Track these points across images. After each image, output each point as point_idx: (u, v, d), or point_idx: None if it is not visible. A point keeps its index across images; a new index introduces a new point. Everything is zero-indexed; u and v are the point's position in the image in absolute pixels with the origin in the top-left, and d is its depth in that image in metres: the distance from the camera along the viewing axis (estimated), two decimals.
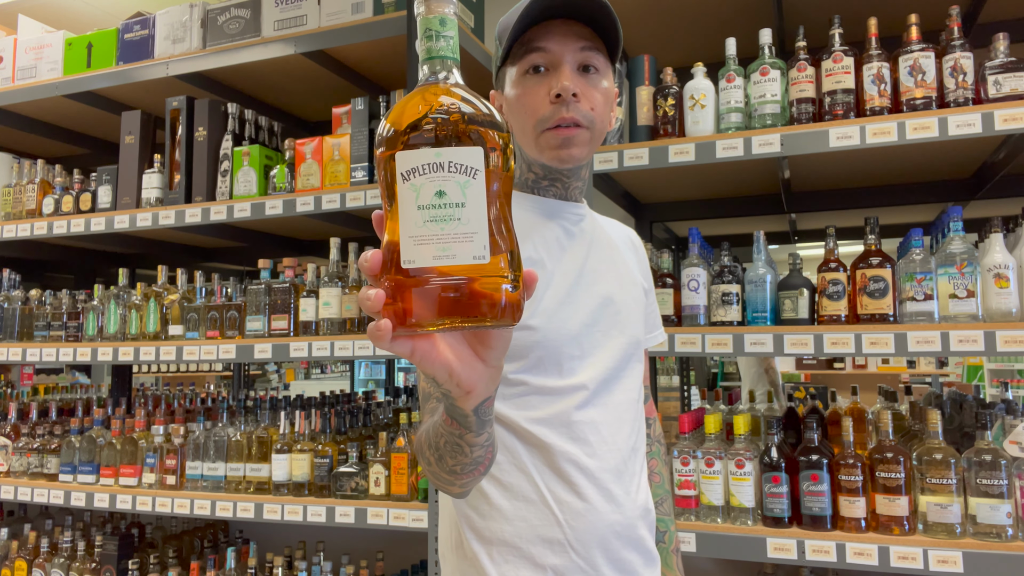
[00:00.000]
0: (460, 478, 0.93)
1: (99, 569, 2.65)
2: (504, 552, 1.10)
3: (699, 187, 2.61)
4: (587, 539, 1.09)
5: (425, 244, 0.59)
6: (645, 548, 1.19)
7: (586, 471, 1.10)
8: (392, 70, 2.63)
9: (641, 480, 1.22)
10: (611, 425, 1.15)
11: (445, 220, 0.59)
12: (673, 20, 2.49)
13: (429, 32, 0.66)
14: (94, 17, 4.44)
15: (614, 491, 1.13)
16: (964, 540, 1.70)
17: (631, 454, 1.18)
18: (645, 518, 1.20)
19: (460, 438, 0.83)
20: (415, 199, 0.59)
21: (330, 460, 2.28)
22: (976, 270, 1.79)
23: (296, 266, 2.46)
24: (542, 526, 1.09)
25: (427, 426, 0.95)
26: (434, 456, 0.91)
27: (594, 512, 1.10)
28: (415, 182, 0.60)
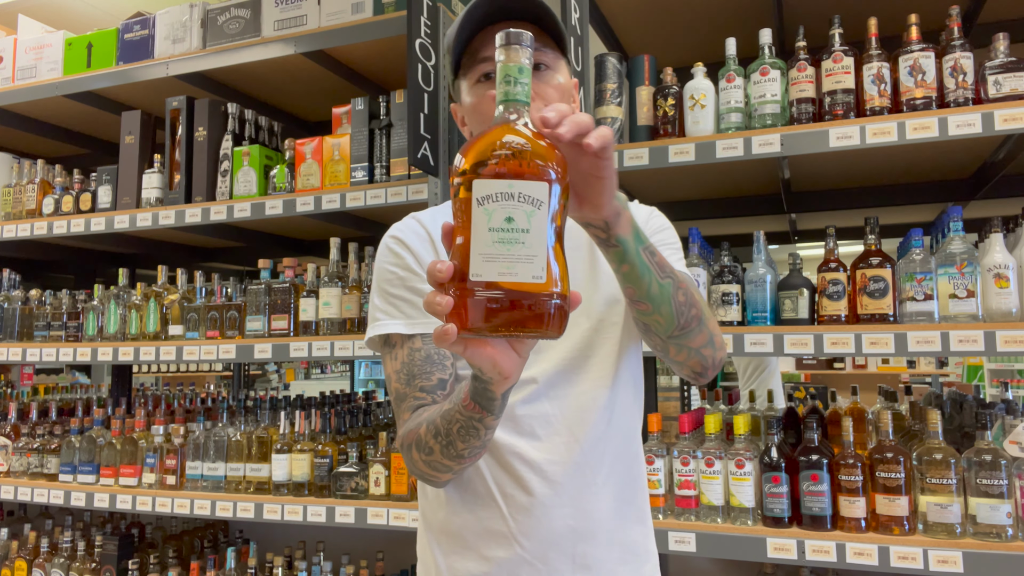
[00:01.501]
0: (463, 462, 0.99)
1: (99, 569, 2.65)
2: (452, 543, 1.13)
3: (699, 187, 2.61)
4: (535, 534, 1.08)
5: (492, 261, 0.69)
6: (621, 543, 1.13)
7: (533, 465, 1.09)
8: (392, 70, 2.63)
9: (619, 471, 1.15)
10: (569, 418, 1.11)
11: (511, 242, 0.69)
12: (673, 20, 2.49)
13: (508, 78, 0.75)
14: (94, 17, 4.44)
15: (568, 484, 1.09)
16: (964, 540, 1.70)
17: (599, 444, 1.12)
18: (622, 510, 1.14)
19: (480, 421, 0.91)
20: (487, 222, 0.69)
21: (330, 460, 2.28)
22: (976, 270, 1.79)
23: (296, 266, 2.46)
24: (489, 519, 1.10)
25: (427, 419, 0.99)
26: (440, 444, 0.96)
27: (541, 507, 1.08)
28: (488, 207, 0.69)
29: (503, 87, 0.75)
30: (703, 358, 1.06)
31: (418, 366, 1.08)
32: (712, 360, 1.08)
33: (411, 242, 1.15)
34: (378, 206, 2.25)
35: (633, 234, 0.92)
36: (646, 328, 1.02)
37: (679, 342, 1.02)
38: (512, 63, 0.75)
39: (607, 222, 0.88)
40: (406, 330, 1.11)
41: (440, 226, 1.08)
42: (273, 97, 2.94)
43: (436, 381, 1.08)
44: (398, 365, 1.11)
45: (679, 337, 1.01)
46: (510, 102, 0.75)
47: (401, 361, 1.11)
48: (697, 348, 1.04)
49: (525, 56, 0.75)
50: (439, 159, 2.11)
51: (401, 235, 1.17)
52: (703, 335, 1.03)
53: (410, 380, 1.08)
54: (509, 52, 0.75)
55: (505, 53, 0.75)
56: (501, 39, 0.75)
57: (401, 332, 1.11)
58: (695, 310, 1.01)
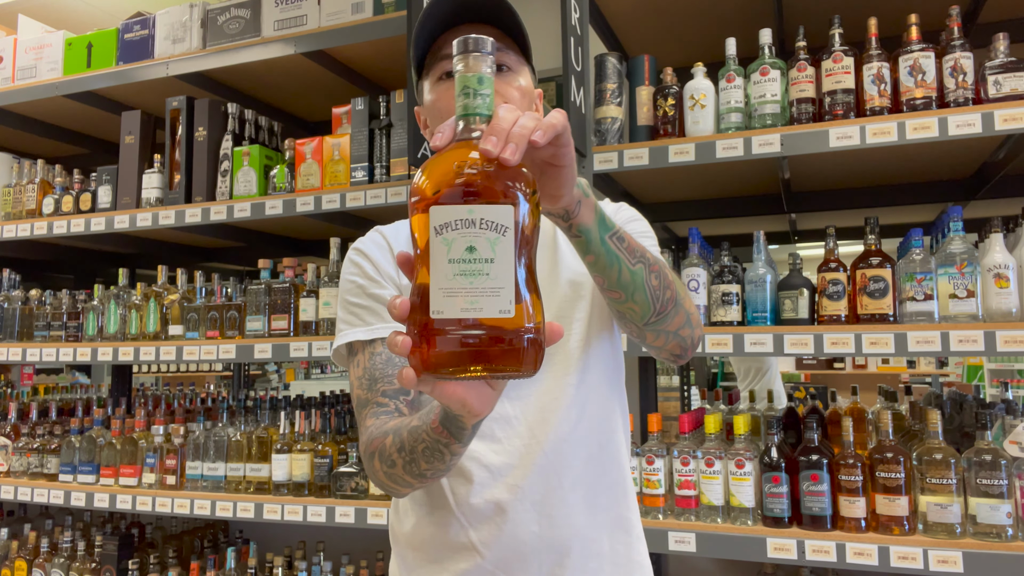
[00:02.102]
0: (424, 481, 0.94)
1: (99, 569, 2.65)
2: (416, 556, 1.09)
3: (699, 187, 2.61)
4: (498, 544, 1.04)
5: (454, 297, 0.61)
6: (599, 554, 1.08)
7: (492, 470, 1.04)
8: (392, 70, 2.63)
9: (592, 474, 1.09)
10: (530, 418, 1.06)
11: (474, 275, 0.61)
12: (673, 20, 2.49)
13: (467, 90, 0.67)
14: (94, 17, 4.44)
15: (530, 490, 1.04)
16: (964, 540, 1.70)
17: (565, 445, 1.07)
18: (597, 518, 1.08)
19: (447, 447, 0.85)
20: (446, 252, 0.62)
21: (330, 460, 2.28)
22: (976, 270, 1.79)
23: (296, 266, 2.46)
24: (450, 530, 1.05)
25: (393, 430, 0.94)
26: (403, 459, 0.91)
27: (502, 515, 1.03)
28: (447, 236, 0.62)
29: (462, 99, 0.68)
30: (682, 339, 1.03)
31: (379, 369, 1.05)
32: (691, 340, 1.04)
33: (370, 251, 1.15)
34: (378, 206, 2.25)
35: (597, 221, 0.88)
36: (620, 316, 0.99)
37: (656, 328, 0.98)
38: (472, 73, 0.67)
39: (567, 211, 0.85)
40: (365, 336, 1.09)
41: (400, 236, 1.13)
42: (273, 97, 2.94)
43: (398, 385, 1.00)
44: (360, 371, 1.08)
45: (656, 323, 0.98)
46: (471, 116, 0.67)
47: (363, 367, 1.08)
48: (675, 331, 1.01)
49: (486, 65, 0.67)
50: None
51: (361, 246, 1.17)
52: (680, 316, 0.99)
53: (372, 385, 1.05)
54: (468, 60, 0.67)
55: (464, 62, 0.67)
56: (459, 47, 0.67)
57: (361, 339, 1.09)
58: (670, 291, 0.96)
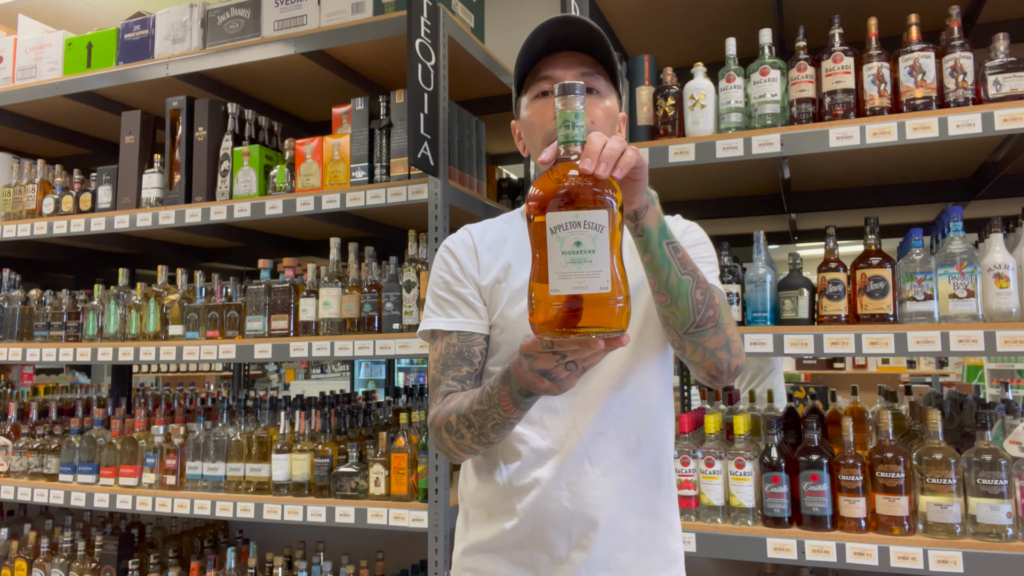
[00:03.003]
0: (490, 447, 1.17)
1: (99, 569, 2.65)
2: (476, 513, 1.31)
3: (699, 187, 2.61)
4: (536, 514, 1.21)
5: (567, 279, 0.83)
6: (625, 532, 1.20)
7: (536, 450, 1.22)
8: (392, 70, 2.63)
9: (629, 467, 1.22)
10: (576, 411, 1.22)
11: (581, 262, 0.82)
12: (673, 20, 2.49)
13: (567, 122, 0.89)
14: (94, 17, 4.44)
15: (566, 472, 1.20)
16: (964, 540, 1.70)
17: (601, 437, 1.21)
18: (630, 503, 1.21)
19: (517, 419, 1.09)
20: (560, 247, 0.83)
21: (330, 460, 2.28)
22: (976, 270, 1.79)
23: (296, 266, 2.46)
24: (499, 496, 1.25)
25: (455, 409, 1.16)
26: (472, 433, 1.13)
27: (539, 489, 1.21)
28: (560, 235, 0.83)
29: (563, 131, 0.89)
30: (718, 360, 1.14)
31: (452, 359, 1.26)
32: (728, 365, 1.16)
33: (458, 252, 1.32)
34: (378, 206, 2.25)
35: (659, 227, 1.03)
36: (665, 321, 1.12)
37: (695, 339, 1.11)
38: (569, 110, 0.88)
39: (636, 212, 1.02)
40: (445, 327, 1.29)
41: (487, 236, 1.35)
42: (273, 97, 2.94)
43: (465, 373, 1.25)
44: (436, 355, 1.29)
45: (695, 334, 1.10)
46: (570, 143, 0.88)
47: (440, 352, 1.29)
48: (712, 349, 1.12)
49: (579, 102, 0.89)
50: (439, 159, 2.11)
51: (452, 246, 1.34)
52: (719, 337, 1.11)
53: (444, 369, 1.26)
54: (566, 100, 0.88)
55: (563, 102, 0.89)
56: (558, 90, 0.89)
57: (442, 328, 1.29)
58: (712, 311, 1.08)
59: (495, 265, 1.29)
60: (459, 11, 2.39)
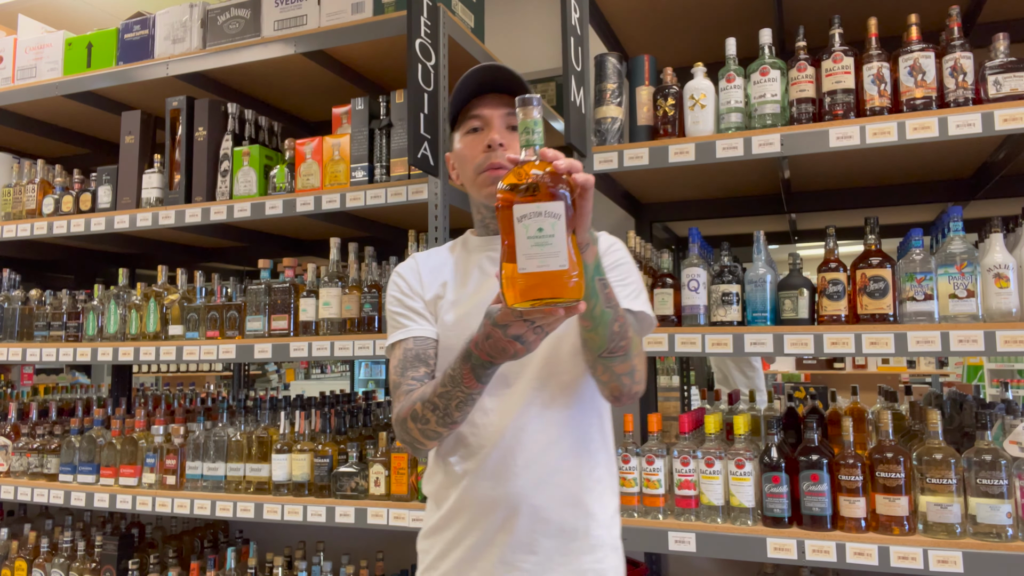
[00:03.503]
0: (453, 427, 1.31)
1: (99, 569, 2.65)
2: (428, 502, 1.51)
3: (699, 187, 2.61)
4: (466, 500, 1.38)
5: (531, 259, 0.99)
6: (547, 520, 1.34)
7: (470, 446, 1.38)
8: (392, 70, 2.63)
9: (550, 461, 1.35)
10: (502, 410, 1.37)
11: (543, 244, 0.99)
12: (673, 20, 2.49)
13: (527, 128, 1.04)
14: (94, 17, 4.44)
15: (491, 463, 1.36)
16: (964, 540, 1.70)
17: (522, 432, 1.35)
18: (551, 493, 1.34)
19: (478, 393, 1.24)
20: (525, 232, 0.99)
21: (330, 460, 2.28)
22: (976, 270, 1.79)
23: (296, 266, 2.46)
24: (442, 487, 1.45)
25: (419, 398, 1.31)
26: (437, 415, 1.28)
27: (470, 480, 1.38)
28: (526, 223, 0.99)
29: (524, 136, 1.03)
30: (622, 384, 1.31)
31: (410, 362, 1.43)
32: (629, 389, 1.32)
33: (407, 275, 1.52)
34: (378, 206, 2.25)
35: (594, 264, 1.15)
36: (584, 343, 1.27)
37: (605, 363, 1.26)
38: (529, 118, 1.03)
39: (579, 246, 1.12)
40: (401, 336, 1.47)
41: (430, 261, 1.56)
42: (273, 97, 2.94)
43: (423, 373, 1.42)
44: (396, 361, 1.45)
45: (606, 359, 1.25)
46: (529, 146, 1.03)
47: (398, 358, 1.45)
48: (619, 374, 1.28)
49: (537, 111, 1.03)
50: (439, 159, 2.11)
51: (401, 271, 1.54)
52: (626, 365, 1.28)
53: (404, 371, 1.42)
54: (526, 110, 1.03)
55: (523, 112, 1.03)
56: (519, 103, 1.04)
57: (399, 339, 1.47)
58: (624, 342, 1.23)
59: (435, 283, 1.49)
60: (459, 11, 2.39)
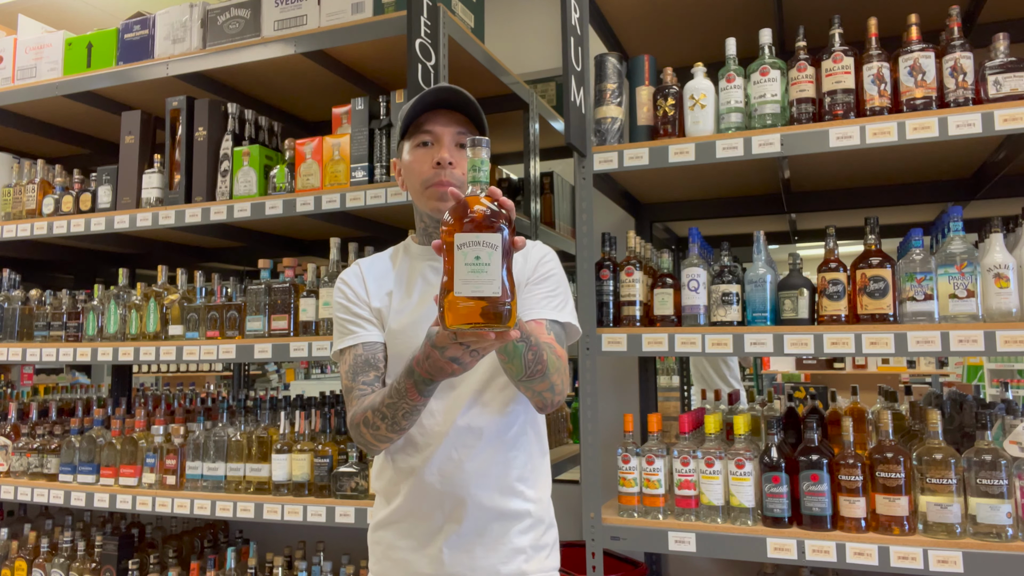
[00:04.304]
0: (402, 433, 1.40)
1: (99, 569, 2.65)
2: (378, 497, 1.59)
3: (699, 187, 2.61)
4: (415, 494, 1.47)
5: (468, 284, 1.04)
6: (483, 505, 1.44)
7: (417, 445, 1.47)
8: (392, 70, 2.63)
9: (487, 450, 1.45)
10: (445, 411, 1.46)
11: (479, 271, 1.04)
12: (673, 20, 2.49)
13: (475, 166, 1.12)
14: (94, 17, 4.44)
15: (437, 459, 1.45)
16: (964, 540, 1.70)
17: (467, 431, 1.45)
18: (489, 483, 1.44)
19: (422, 405, 1.33)
20: (464, 259, 1.05)
21: (330, 460, 2.28)
22: (976, 270, 1.79)
23: (296, 266, 2.46)
24: (392, 482, 1.52)
25: (370, 406, 1.38)
26: (386, 424, 1.36)
27: (416, 475, 1.46)
28: (464, 250, 1.05)
29: (472, 172, 1.12)
30: (542, 399, 1.40)
31: (360, 367, 1.49)
32: (550, 401, 1.42)
33: (351, 282, 1.57)
34: (378, 206, 2.25)
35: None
36: (503, 370, 1.35)
37: (525, 384, 1.35)
38: (477, 157, 1.12)
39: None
40: (350, 343, 1.52)
41: (374, 269, 1.61)
42: (273, 97, 2.94)
43: (372, 377, 1.49)
44: (347, 367, 1.51)
45: (525, 382, 1.34)
46: (476, 183, 1.11)
47: (349, 364, 1.51)
48: (539, 391, 1.38)
49: (485, 152, 1.13)
50: None
51: (346, 277, 1.59)
52: (544, 383, 1.36)
53: (355, 376, 1.49)
54: (475, 151, 1.12)
55: (473, 152, 1.12)
56: (470, 143, 1.13)
57: (348, 345, 1.53)
58: (540, 366, 1.31)
59: (380, 291, 1.54)
60: (459, 11, 2.39)
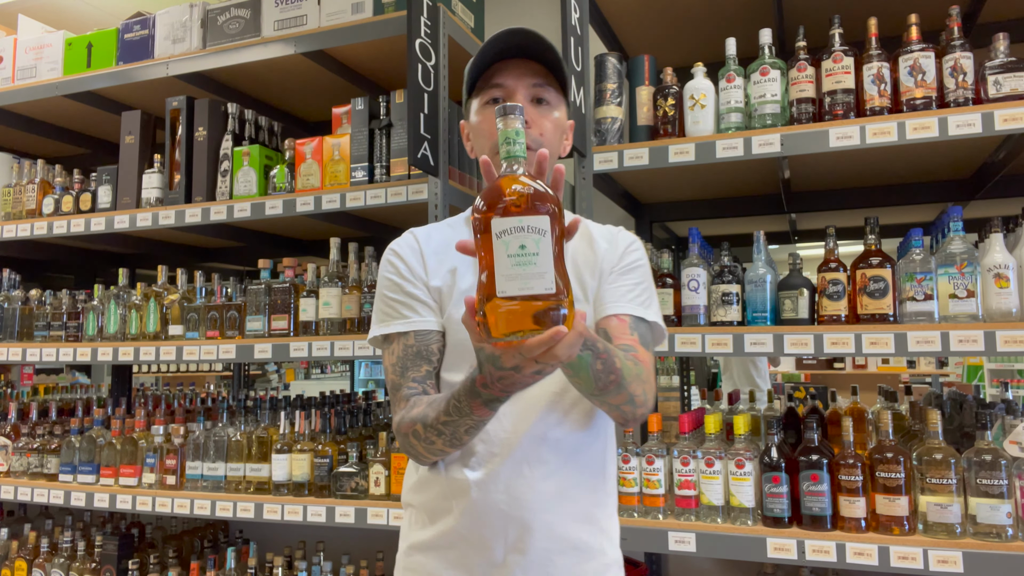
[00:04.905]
0: (460, 447, 1.18)
1: (99, 569, 2.65)
2: (416, 514, 1.33)
3: (699, 187, 2.61)
4: (473, 515, 1.22)
5: (513, 280, 0.85)
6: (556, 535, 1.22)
7: (479, 455, 1.23)
8: (392, 70, 2.63)
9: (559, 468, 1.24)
10: (516, 416, 1.23)
11: (526, 264, 0.85)
12: (673, 20, 2.49)
13: (508, 139, 0.92)
14: (94, 17, 4.44)
15: (504, 474, 1.22)
16: (964, 540, 1.70)
17: (542, 443, 1.23)
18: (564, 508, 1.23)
19: (488, 420, 1.11)
20: (505, 250, 0.86)
21: (330, 460, 2.28)
22: (976, 270, 1.79)
23: (296, 266, 2.46)
24: (440, 497, 1.27)
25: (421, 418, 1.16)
26: (444, 439, 1.14)
27: (478, 492, 1.22)
28: (505, 239, 0.86)
29: (505, 147, 0.93)
30: (622, 413, 1.20)
31: (411, 360, 1.26)
32: (632, 415, 1.20)
33: (404, 254, 1.32)
34: (378, 206, 2.25)
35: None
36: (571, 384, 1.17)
37: (599, 399, 1.16)
38: (510, 128, 0.92)
39: None
40: (402, 328, 1.28)
41: (432, 240, 1.35)
42: (273, 97, 2.94)
43: (424, 372, 1.26)
44: (394, 359, 1.27)
45: (598, 396, 1.14)
46: (511, 158, 0.92)
47: (397, 355, 1.27)
48: (616, 405, 1.17)
49: (519, 122, 0.93)
50: (439, 159, 2.11)
51: (398, 248, 1.34)
52: (622, 395, 1.15)
53: (404, 372, 1.25)
54: (507, 120, 0.92)
55: (504, 122, 0.92)
56: (500, 112, 0.92)
57: (398, 331, 1.28)
58: (613, 376, 1.11)
59: (441, 269, 1.30)
60: (459, 11, 2.39)
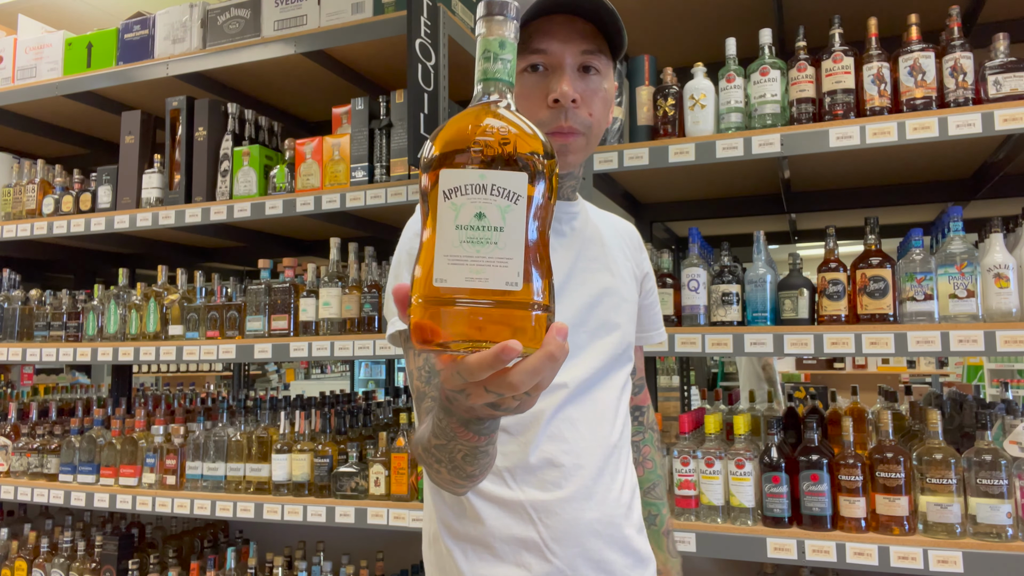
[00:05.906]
0: (476, 479, 0.94)
1: (99, 569, 2.65)
2: (478, 550, 1.10)
3: (699, 187, 2.61)
4: (563, 538, 1.07)
5: (459, 265, 0.57)
6: (631, 548, 1.15)
7: (562, 468, 1.09)
8: (392, 70, 2.63)
9: (627, 478, 1.19)
10: (591, 422, 1.13)
11: (482, 243, 0.57)
12: (673, 20, 2.49)
13: (488, 53, 0.65)
14: (94, 17, 4.44)
15: (593, 488, 1.10)
16: (964, 540, 1.70)
17: (613, 451, 1.15)
18: (629, 517, 1.16)
19: (491, 443, 0.84)
20: (454, 218, 0.58)
21: (330, 460, 2.28)
22: (976, 270, 1.79)
23: (296, 266, 2.46)
24: (516, 526, 1.08)
25: (421, 440, 0.94)
26: (447, 468, 0.90)
27: (569, 510, 1.08)
28: (456, 201, 0.58)
29: (483, 64, 0.65)
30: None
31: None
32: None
33: None
34: (378, 206, 2.25)
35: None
36: None
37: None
38: (493, 37, 0.64)
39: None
40: None
41: None
42: (273, 97, 2.94)
43: None
44: (420, 362, 1.07)
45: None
46: (490, 81, 0.65)
47: (424, 358, 1.07)
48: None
49: (509, 30, 0.65)
50: None
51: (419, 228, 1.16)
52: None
53: (430, 378, 1.05)
54: (491, 24, 0.64)
55: (486, 25, 0.65)
56: (483, 9, 0.65)
57: None
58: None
59: None
60: (459, 11, 2.39)
